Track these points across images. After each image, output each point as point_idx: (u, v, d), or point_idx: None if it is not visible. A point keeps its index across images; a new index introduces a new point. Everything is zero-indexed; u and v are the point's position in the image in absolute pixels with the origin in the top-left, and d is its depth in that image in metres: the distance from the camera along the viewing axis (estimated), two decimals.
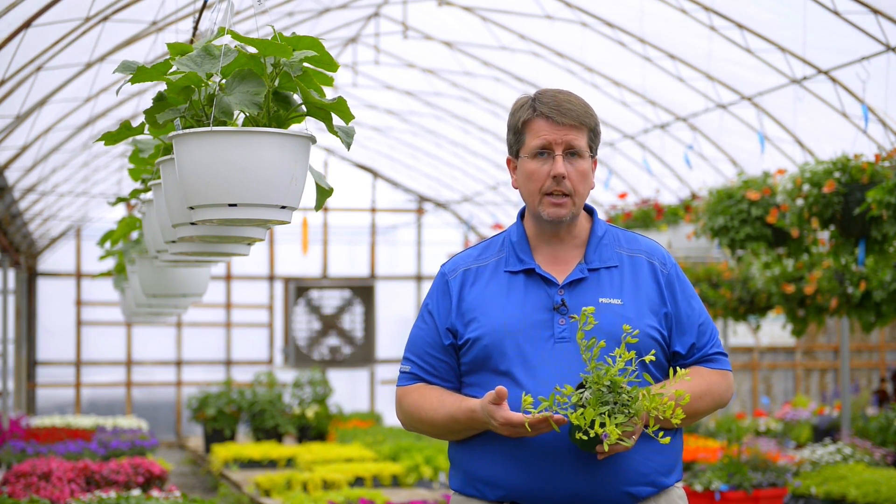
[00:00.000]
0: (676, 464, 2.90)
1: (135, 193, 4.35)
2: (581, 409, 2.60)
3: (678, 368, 2.72)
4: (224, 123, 2.81)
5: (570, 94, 2.92)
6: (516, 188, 2.96)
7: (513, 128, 2.94)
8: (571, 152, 2.87)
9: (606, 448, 2.63)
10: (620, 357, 2.64)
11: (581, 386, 2.67)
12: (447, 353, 2.92)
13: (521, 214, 3.01)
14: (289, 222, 2.81)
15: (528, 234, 2.97)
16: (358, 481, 9.90)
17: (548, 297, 2.87)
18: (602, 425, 2.58)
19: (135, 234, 5.73)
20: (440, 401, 2.87)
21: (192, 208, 2.77)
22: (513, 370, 2.81)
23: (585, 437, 2.60)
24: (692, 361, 2.92)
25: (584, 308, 2.70)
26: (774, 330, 17.17)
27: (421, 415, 2.90)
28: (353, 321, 17.43)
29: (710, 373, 2.93)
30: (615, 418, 2.59)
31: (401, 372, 2.99)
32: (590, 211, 3.02)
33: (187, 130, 2.71)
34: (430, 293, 2.98)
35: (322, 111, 2.86)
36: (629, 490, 2.79)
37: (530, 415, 2.66)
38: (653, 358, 2.75)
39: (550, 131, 2.86)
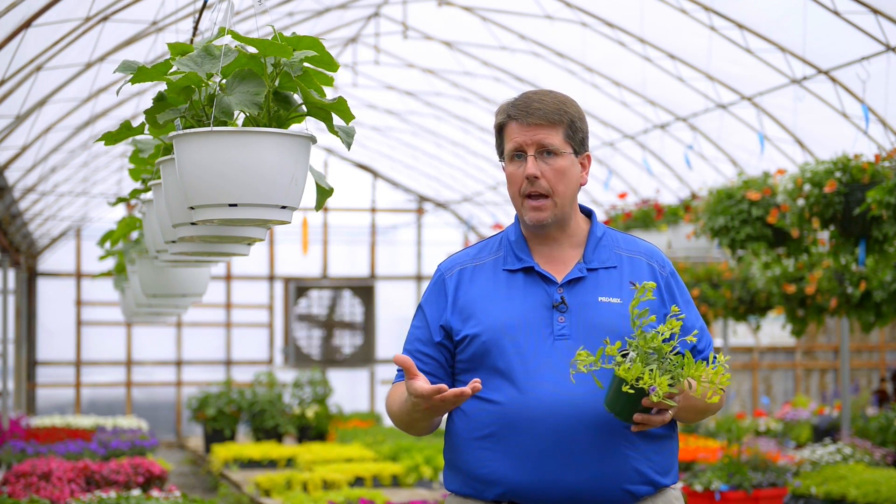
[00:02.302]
0: (673, 465, 2.91)
1: (135, 193, 4.35)
2: (627, 365, 2.61)
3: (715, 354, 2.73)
4: (224, 123, 2.81)
5: (546, 93, 2.92)
6: None
7: (496, 133, 2.98)
8: (545, 151, 2.87)
9: (655, 399, 2.59)
10: (662, 333, 2.65)
11: (625, 352, 2.69)
12: (436, 350, 2.92)
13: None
14: (289, 222, 2.81)
15: (525, 235, 2.98)
16: (358, 481, 9.90)
17: (547, 295, 2.87)
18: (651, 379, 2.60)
19: (135, 234, 5.73)
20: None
21: (192, 208, 2.77)
22: (511, 367, 2.81)
23: (632, 391, 2.60)
24: None
25: (644, 282, 2.70)
26: (774, 330, 17.17)
27: (392, 406, 2.92)
28: (353, 321, 17.43)
29: None
30: (662, 377, 2.60)
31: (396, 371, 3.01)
32: (588, 213, 3.03)
33: (187, 130, 2.71)
34: (426, 291, 3.01)
35: (322, 111, 2.86)
36: (628, 488, 2.80)
37: (576, 369, 2.65)
38: (693, 339, 2.77)
39: (520, 133, 2.87)
